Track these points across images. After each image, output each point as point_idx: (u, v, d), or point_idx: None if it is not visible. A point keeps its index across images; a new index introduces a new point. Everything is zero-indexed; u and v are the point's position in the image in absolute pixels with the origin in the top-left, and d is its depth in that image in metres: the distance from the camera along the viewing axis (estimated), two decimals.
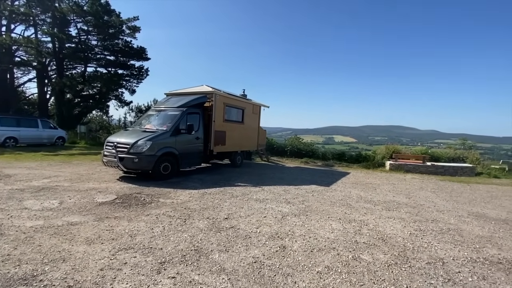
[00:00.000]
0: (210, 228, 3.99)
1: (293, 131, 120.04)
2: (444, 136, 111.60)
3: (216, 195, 5.97)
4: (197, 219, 4.33)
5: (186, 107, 8.16)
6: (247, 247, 3.40)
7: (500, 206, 6.38)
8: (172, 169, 7.46)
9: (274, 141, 17.53)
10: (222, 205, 5.17)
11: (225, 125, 9.48)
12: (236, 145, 10.36)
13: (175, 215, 4.50)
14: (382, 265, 3.11)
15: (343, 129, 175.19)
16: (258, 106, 12.08)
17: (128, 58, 21.27)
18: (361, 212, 5.27)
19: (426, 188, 8.46)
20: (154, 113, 8.82)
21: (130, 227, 3.90)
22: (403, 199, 6.70)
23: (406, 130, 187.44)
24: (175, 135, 7.56)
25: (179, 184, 6.92)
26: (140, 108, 22.65)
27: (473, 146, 18.21)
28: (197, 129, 8.29)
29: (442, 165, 12.44)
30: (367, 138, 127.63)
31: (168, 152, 7.32)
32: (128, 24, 19.98)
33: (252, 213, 4.80)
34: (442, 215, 5.41)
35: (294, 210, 5.12)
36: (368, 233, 4.15)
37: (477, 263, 3.28)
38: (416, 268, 3.09)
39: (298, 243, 3.60)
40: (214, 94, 8.79)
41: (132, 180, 7.07)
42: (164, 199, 5.42)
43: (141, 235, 3.64)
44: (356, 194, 6.97)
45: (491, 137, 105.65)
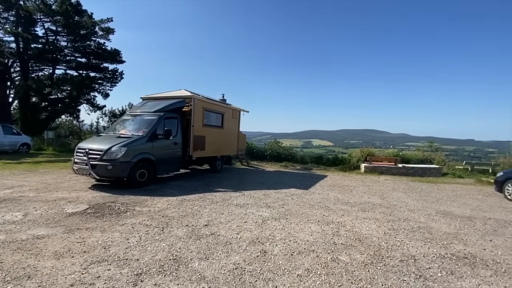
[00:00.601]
0: (190, 235, 3.90)
1: (273, 135, 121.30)
2: (413, 139, 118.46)
3: (195, 201, 5.85)
4: (176, 227, 4.21)
5: (163, 112, 7.97)
6: (228, 254, 3.36)
7: (465, 204, 6.87)
8: (148, 176, 7.22)
9: (254, 145, 17.59)
10: (202, 212, 5.09)
11: (205, 130, 9.37)
12: (215, 150, 10.26)
13: (152, 223, 4.35)
14: (359, 265, 3.22)
15: (320, 133, 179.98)
16: (238, 110, 12.10)
17: (101, 60, 20.38)
18: (339, 214, 5.43)
19: (398, 188, 8.91)
20: (130, 118, 8.51)
21: (103, 238, 3.71)
22: (378, 200, 6.99)
23: (379, 134, 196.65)
24: (152, 141, 7.34)
25: (157, 191, 6.71)
26: (114, 113, 21.73)
27: (439, 148, 19.50)
28: (175, 134, 8.11)
29: (412, 167, 13.19)
30: (343, 141, 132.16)
31: (144, 158, 7.08)
32: (101, 26, 19.19)
33: (232, 218, 4.77)
34: (413, 214, 5.72)
35: (275, 214, 5.16)
36: (345, 234, 4.27)
37: (445, 258, 3.50)
38: (390, 266, 3.23)
39: (278, 247, 3.63)
40: (192, 99, 8.67)
41: (105, 188, 6.74)
42: (140, 208, 5.22)
43: (116, 246, 3.47)
44: (334, 196, 7.18)
45: (455, 140, 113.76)
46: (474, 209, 6.36)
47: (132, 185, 6.87)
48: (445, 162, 15.01)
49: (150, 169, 7.25)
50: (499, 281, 2.96)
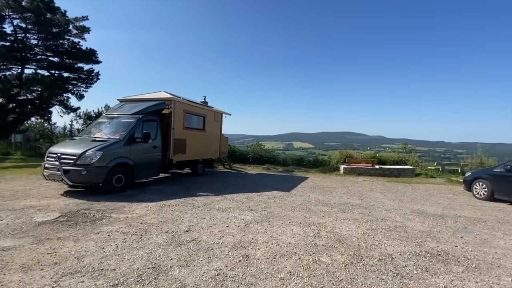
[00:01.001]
0: (170, 242, 3.78)
1: (255, 137, 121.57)
2: (389, 141, 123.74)
3: (176, 206, 5.70)
4: (155, 234, 4.07)
5: (142, 114, 7.73)
6: (210, 260, 3.30)
7: (437, 203, 7.24)
8: (126, 181, 6.94)
9: (237, 148, 17.52)
10: (183, 217, 4.96)
11: (185, 133, 9.20)
12: (197, 153, 10.10)
13: (130, 231, 4.17)
14: (339, 266, 3.27)
15: (301, 136, 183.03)
16: (220, 113, 12.01)
17: (76, 60, 19.42)
18: (320, 215, 5.52)
19: (376, 189, 9.23)
20: (106, 120, 8.17)
21: (76, 248, 3.50)
22: (356, 200, 7.20)
23: (357, 136, 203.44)
24: (130, 144, 7.08)
25: (135, 197, 6.47)
26: (89, 115, 20.77)
27: (413, 150, 20.47)
28: (155, 138, 7.88)
29: (388, 168, 13.74)
30: (323, 144, 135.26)
31: (121, 163, 6.81)
32: (76, 24, 18.32)
33: (214, 223, 4.69)
34: (389, 213, 5.93)
35: (257, 217, 5.14)
36: (326, 235, 4.35)
37: (420, 256, 3.65)
38: (369, 265, 3.32)
39: (261, 251, 3.61)
40: (173, 101, 8.49)
41: (79, 195, 6.40)
42: (117, 214, 5.00)
43: (90, 256, 3.29)
44: (315, 198, 7.29)
45: (427, 141, 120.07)
46: (445, 208, 6.71)
47: (109, 191, 6.58)
48: (418, 163, 15.78)
49: (127, 174, 6.99)
50: (470, 276, 3.13)
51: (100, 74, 20.63)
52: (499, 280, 3.05)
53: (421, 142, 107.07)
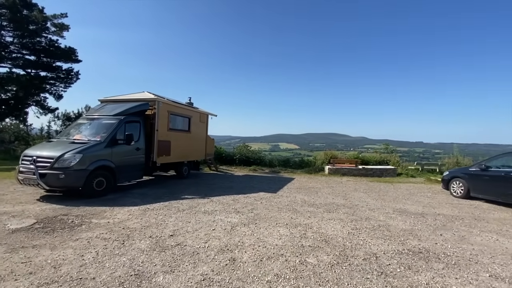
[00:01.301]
0: (153, 247, 3.67)
1: (242, 139, 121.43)
2: (371, 141, 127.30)
3: (160, 210, 5.55)
4: (138, 239, 3.94)
5: (124, 115, 7.49)
6: (195, 264, 3.22)
7: (417, 202, 7.49)
8: (107, 184, 6.70)
9: (223, 149, 17.38)
10: (167, 221, 4.83)
11: (170, 135, 9.01)
12: (182, 155, 9.92)
13: (111, 237, 4.01)
14: (326, 266, 3.30)
15: (287, 137, 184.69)
16: (206, 114, 11.87)
17: (54, 59, 18.60)
18: (306, 216, 5.56)
19: (359, 189, 9.43)
20: (86, 121, 7.85)
21: (53, 256, 3.32)
22: (341, 200, 7.31)
23: (341, 137, 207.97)
24: (111, 146, 6.84)
25: (117, 201, 6.24)
26: (68, 116, 19.91)
27: (394, 150, 21.13)
28: (138, 139, 7.66)
29: (371, 168, 14.10)
30: (308, 144, 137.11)
31: (102, 166, 6.56)
32: (54, 21, 17.57)
33: (200, 227, 4.60)
34: (373, 213, 6.07)
35: (244, 220, 5.10)
36: (312, 236, 4.37)
37: (403, 254, 3.75)
38: (354, 265, 3.36)
39: (247, 254, 3.57)
40: (157, 102, 8.29)
41: (57, 200, 6.10)
42: (97, 220, 4.80)
43: (68, 264, 3.13)
44: (301, 198, 7.34)
45: (407, 142, 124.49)
46: (425, 206, 6.96)
47: (89, 195, 6.32)
48: (400, 163, 16.30)
49: (109, 177, 6.74)
50: (450, 273, 3.24)
51: (80, 73, 19.90)
52: (478, 276, 3.18)
53: (402, 143, 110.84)
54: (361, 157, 17.06)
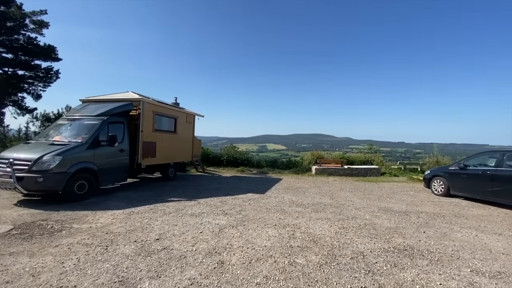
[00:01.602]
0: (139, 252, 3.55)
1: (229, 140, 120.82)
2: (355, 142, 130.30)
3: (145, 213, 5.40)
4: (122, 244, 3.80)
5: (107, 116, 7.24)
6: (182, 269, 3.14)
7: (401, 200, 7.70)
8: (89, 187, 6.44)
9: (210, 150, 17.20)
10: (153, 225, 4.70)
11: (155, 136, 8.80)
12: (168, 157, 9.72)
13: (94, 242, 3.85)
14: (314, 266, 3.31)
15: (274, 138, 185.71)
16: (192, 115, 11.70)
17: (32, 57, 17.74)
18: (294, 216, 5.57)
19: (345, 188, 9.60)
20: (66, 122, 7.53)
21: (32, 264, 3.14)
22: (328, 200, 7.40)
23: (326, 138, 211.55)
24: (93, 148, 6.59)
25: (99, 204, 6.02)
26: (47, 117, 19.02)
27: (377, 150, 21.70)
28: (122, 141, 7.43)
29: (356, 168, 14.40)
30: (295, 145, 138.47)
31: (84, 168, 6.30)
32: (33, 18, 16.77)
33: (187, 230, 4.51)
34: (359, 212, 6.18)
35: (232, 221, 5.04)
36: (301, 236, 4.39)
37: (389, 252, 3.82)
38: (342, 264, 3.39)
39: (236, 256, 3.53)
40: (141, 102, 8.08)
41: (35, 204, 5.80)
42: (79, 225, 4.59)
43: (48, 272, 2.96)
44: (289, 199, 7.37)
45: (389, 142, 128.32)
46: (408, 204, 7.17)
47: (69, 199, 6.06)
48: (383, 163, 16.76)
49: (91, 180, 6.49)
50: (434, 269, 3.34)
51: (60, 72, 19.10)
52: (460, 272, 3.29)
53: (384, 143, 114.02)
54: (347, 157, 17.40)
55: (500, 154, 7.28)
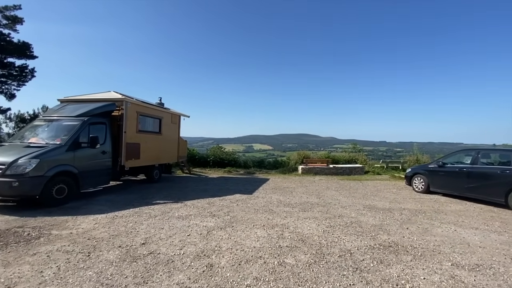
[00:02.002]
0: (123, 258, 3.42)
1: (215, 140, 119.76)
2: (339, 141, 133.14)
3: (129, 217, 5.23)
4: (106, 250, 3.66)
5: (88, 116, 6.97)
6: (170, 273, 3.06)
7: (384, 198, 7.93)
8: (69, 191, 6.16)
9: (196, 151, 16.98)
10: (138, 229, 4.56)
11: (139, 137, 8.57)
12: (153, 158, 9.49)
13: (75, 249, 3.68)
14: (304, 266, 3.33)
15: (260, 138, 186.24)
16: (178, 115, 11.49)
17: (5, 54, 16.73)
18: (282, 216, 5.59)
19: (331, 187, 9.76)
20: (43, 123, 7.17)
21: (7, 274, 2.95)
22: (315, 199, 7.50)
23: (311, 138, 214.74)
24: (73, 150, 6.31)
25: (80, 209, 5.77)
26: (22, 117, 18.02)
27: (361, 150, 22.28)
28: (104, 142, 7.18)
29: (341, 167, 14.70)
30: (281, 145, 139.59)
31: (63, 171, 6.03)
32: (6, 13, 15.84)
33: (174, 233, 4.40)
34: (345, 210, 6.30)
35: (220, 223, 4.99)
36: (289, 236, 4.41)
37: (375, 249, 3.92)
38: (331, 262, 3.44)
39: (225, 258, 3.48)
40: (124, 102, 7.83)
41: (10, 211, 5.47)
42: (58, 231, 4.38)
43: (25, 282, 2.80)
44: (277, 199, 7.40)
45: (371, 141, 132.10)
46: (392, 202, 7.39)
47: (48, 204, 5.76)
48: (367, 162, 17.23)
49: (71, 184, 6.21)
50: (418, 264, 3.45)
51: (36, 71, 18.15)
52: (441, 266, 3.42)
53: (367, 142, 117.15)
54: (332, 156, 17.74)
55: (475, 152, 7.66)
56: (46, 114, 8.01)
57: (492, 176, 6.92)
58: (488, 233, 4.81)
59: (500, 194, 6.67)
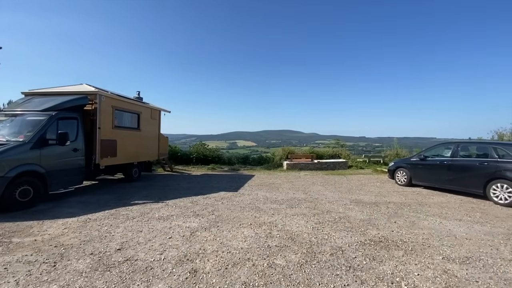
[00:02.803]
0: (95, 267, 3.05)
1: (198, 137, 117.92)
2: (322, 137, 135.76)
3: (104, 220, 4.79)
4: (75, 259, 3.26)
5: (56, 110, 6.36)
6: (149, 283, 2.75)
7: (369, 192, 7.96)
8: (35, 193, 5.59)
9: (178, 148, 16.41)
10: (113, 233, 4.16)
11: (116, 133, 8.01)
12: (131, 156, 8.94)
13: (39, 259, 3.25)
14: (295, 267, 3.13)
15: (244, 134, 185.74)
16: (158, 110, 10.93)
17: None
18: (269, 214, 5.39)
19: (317, 182, 9.71)
20: (5, 118, 6.45)
21: None
22: (302, 195, 7.37)
23: (294, 134, 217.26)
24: (39, 148, 5.72)
25: (48, 212, 5.25)
26: None
27: (344, 145, 22.63)
28: (75, 139, 6.60)
29: (326, 162, 14.78)
30: (265, 141, 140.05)
31: (28, 171, 5.44)
32: None
33: (154, 236, 4.06)
34: (333, 205, 6.21)
35: (204, 223, 4.69)
36: (278, 234, 4.20)
37: (366, 245, 3.80)
38: (323, 262, 3.27)
39: (211, 262, 3.21)
40: (97, 95, 7.25)
41: None
42: (20, 238, 3.89)
43: None
44: (263, 195, 7.19)
45: (351, 137, 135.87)
46: (377, 195, 7.42)
47: (10, 208, 5.19)
48: (350, 156, 17.48)
49: (37, 185, 5.64)
50: (410, 259, 3.36)
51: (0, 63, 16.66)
52: (433, 260, 3.36)
53: (347, 138, 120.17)
54: (316, 152, 17.82)
55: (455, 145, 7.85)
56: (7, 108, 7.26)
57: (471, 169, 7.11)
58: (472, 224, 4.88)
59: (479, 186, 6.86)
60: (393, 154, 16.94)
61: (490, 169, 6.66)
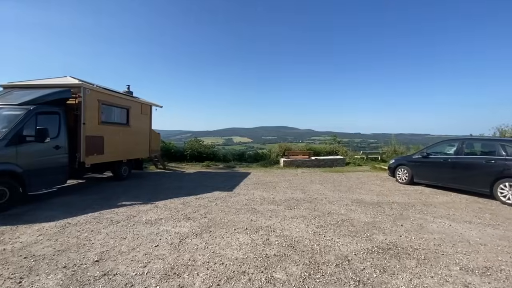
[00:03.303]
0: (67, 284, 2.63)
1: (193, 133, 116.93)
2: (317, 134, 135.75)
3: (85, 225, 4.36)
4: (45, 273, 2.83)
5: (35, 104, 5.85)
6: None
7: (370, 191, 7.63)
8: (12, 195, 5.12)
9: (172, 145, 15.91)
10: (94, 240, 3.73)
11: (102, 129, 7.52)
12: (119, 154, 8.46)
13: (4, 273, 2.82)
14: (297, 282, 2.75)
15: (240, 130, 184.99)
16: (149, 105, 10.41)
17: None
18: (267, 216, 5.02)
19: (315, 181, 9.37)
20: None
21: None
22: (300, 194, 7.01)
23: (290, 130, 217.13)
24: (16, 145, 5.22)
25: (24, 216, 4.79)
26: None
27: (341, 141, 22.34)
28: (57, 135, 6.11)
29: (323, 159, 14.45)
30: (261, 138, 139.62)
31: (2, 171, 4.96)
32: None
33: (138, 243, 3.64)
34: (333, 206, 5.86)
35: (195, 228, 4.29)
36: (276, 241, 3.83)
37: (373, 253, 3.44)
38: (328, 275, 2.90)
39: (201, 277, 2.82)
40: (82, 88, 6.74)
41: None
42: None
43: None
44: (259, 195, 6.81)
45: (347, 133, 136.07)
46: (378, 195, 7.09)
47: None
48: (347, 153, 17.19)
49: (14, 186, 5.16)
50: (424, 271, 3.01)
51: None
52: (450, 271, 3.01)
53: (343, 134, 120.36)
54: (312, 148, 17.50)
55: (459, 142, 7.54)
56: None
57: (477, 167, 6.81)
58: (483, 227, 4.57)
59: (485, 185, 6.57)
60: (390, 151, 16.70)
61: (498, 167, 6.36)
